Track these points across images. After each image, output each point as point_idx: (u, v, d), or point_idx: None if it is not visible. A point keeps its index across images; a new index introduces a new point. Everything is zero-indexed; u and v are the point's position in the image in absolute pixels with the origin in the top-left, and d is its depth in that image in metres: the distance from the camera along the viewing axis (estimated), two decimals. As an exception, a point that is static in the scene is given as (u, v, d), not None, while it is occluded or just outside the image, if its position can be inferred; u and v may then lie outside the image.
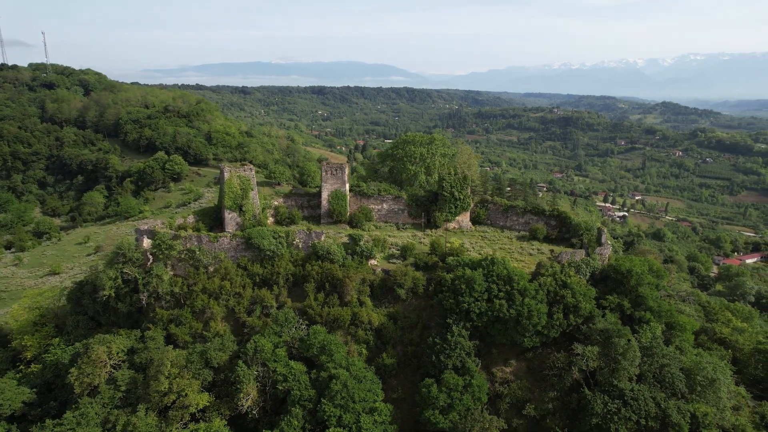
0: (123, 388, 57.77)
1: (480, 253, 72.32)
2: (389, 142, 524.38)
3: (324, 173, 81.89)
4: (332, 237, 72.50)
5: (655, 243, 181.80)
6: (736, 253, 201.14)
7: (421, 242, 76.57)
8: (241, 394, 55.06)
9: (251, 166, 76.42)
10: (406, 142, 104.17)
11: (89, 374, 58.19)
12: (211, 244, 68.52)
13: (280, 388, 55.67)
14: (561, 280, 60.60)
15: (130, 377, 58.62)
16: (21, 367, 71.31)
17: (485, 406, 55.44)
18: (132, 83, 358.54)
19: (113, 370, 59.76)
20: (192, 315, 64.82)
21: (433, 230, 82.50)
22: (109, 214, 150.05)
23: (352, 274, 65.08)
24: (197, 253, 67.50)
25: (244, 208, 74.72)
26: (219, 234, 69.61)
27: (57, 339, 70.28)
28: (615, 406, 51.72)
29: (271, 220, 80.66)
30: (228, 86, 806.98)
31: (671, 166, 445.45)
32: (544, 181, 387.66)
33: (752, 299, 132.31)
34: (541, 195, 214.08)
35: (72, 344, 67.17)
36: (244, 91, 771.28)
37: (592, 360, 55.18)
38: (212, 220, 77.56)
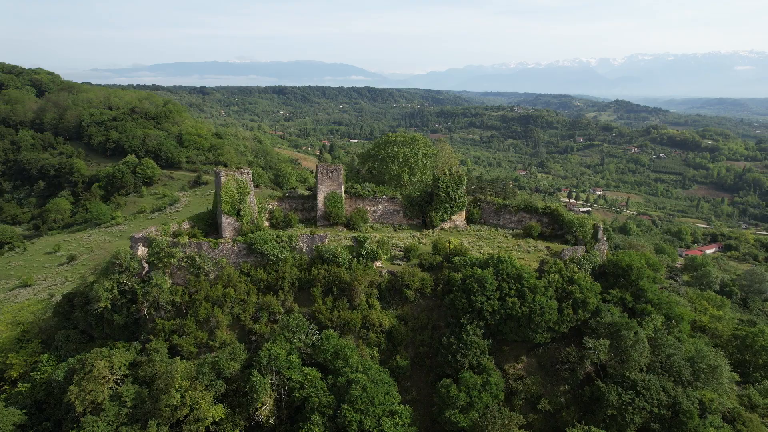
0: (129, 404, 55.22)
1: (480, 252, 73.20)
2: (354, 142, 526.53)
3: (320, 175, 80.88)
4: (333, 240, 71.74)
5: (623, 237, 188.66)
6: (696, 245, 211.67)
7: (421, 242, 76.69)
8: (259, 404, 53.72)
9: (248, 170, 74.68)
10: (388, 142, 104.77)
11: (91, 391, 55.32)
12: (211, 250, 66.42)
13: (297, 395, 54.66)
14: (567, 277, 62.13)
15: (135, 392, 56.18)
16: (6, 387, 67.18)
17: (502, 403, 56.19)
18: (83, 83, 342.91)
19: (116, 386, 57.10)
20: (195, 324, 62.67)
21: (430, 230, 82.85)
22: (78, 221, 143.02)
23: (360, 276, 64.50)
24: (197, 260, 65.32)
25: (241, 213, 72.86)
26: (220, 240, 67.59)
27: (45, 355, 66.53)
28: (629, 396, 53.51)
29: (266, 224, 79.02)
30: (186, 86, 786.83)
31: (628, 161, 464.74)
32: (510, 178, 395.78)
33: (717, 288, 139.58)
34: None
35: (64, 360, 63.84)
36: (202, 91, 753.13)
37: (603, 353, 56.82)
38: (207, 225, 75.27)
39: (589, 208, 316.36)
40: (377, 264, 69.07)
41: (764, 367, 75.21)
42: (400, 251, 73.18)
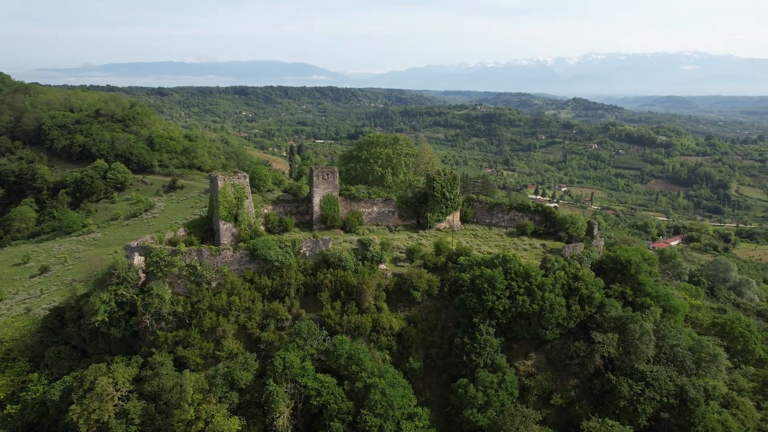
0: (137, 422, 52.98)
1: (480, 251, 73.93)
2: (321, 143, 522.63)
3: (315, 178, 79.74)
4: (334, 243, 70.85)
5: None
6: (661, 237, 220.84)
7: (420, 243, 76.74)
8: (276, 414, 52.50)
9: (245, 174, 72.90)
10: (371, 143, 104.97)
11: (95, 410, 52.75)
12: (212, 257, 64.41)
13: (314, 403, 53.77)
14: (572, 273, 63.53)
15: (142, 408, 53.90)
16: (-7, 409, 63.04)
17: (516, 401, 56.94)
18: (33, 84, 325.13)
19: (122, 403, 54.63)
20: (200, 335, 60.61)
21: (426, 231, 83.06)
22: (45, 230, 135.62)
23: (367, 280, 63.96)
24: (199, 268, 63.23)
25: (239, 218, 70.98)
26: (221, 247, 65.64)
27: (35, 374, 62.78)
28: (639, 387, 55.21)
29: (262, 228, 77.31)
30: (143, 87, 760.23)
31: (589, 158, 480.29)
32: (477, 176, 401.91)
33: (686, 278, 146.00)
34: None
35: (57, 378, 60.57)
36: (161, 92, 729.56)
37: (612, 347, 58.40)
38: (203, 232, 72.95)
39: (556, 204, 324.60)
40: (382, 266, 68.73)
41: (743, 352, 78.93)
42: (401, 253, 73.06)
